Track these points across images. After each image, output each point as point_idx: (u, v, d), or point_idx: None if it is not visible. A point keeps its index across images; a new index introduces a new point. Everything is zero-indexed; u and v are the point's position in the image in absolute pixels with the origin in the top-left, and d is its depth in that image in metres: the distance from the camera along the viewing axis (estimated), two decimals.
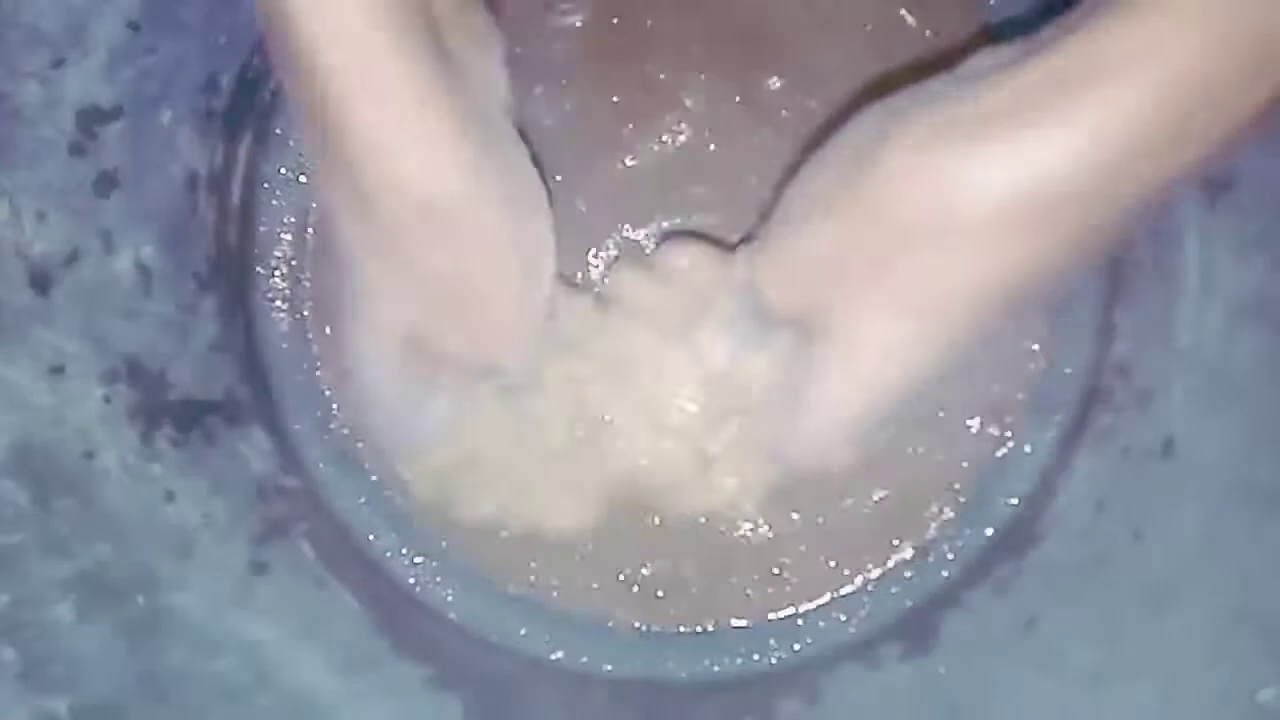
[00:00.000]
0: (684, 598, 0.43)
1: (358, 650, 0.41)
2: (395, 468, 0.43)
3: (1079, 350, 0.44)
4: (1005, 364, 0.44)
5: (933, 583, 0.43)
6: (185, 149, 0.41)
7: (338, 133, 0.32)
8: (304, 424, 0.44)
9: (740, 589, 0.43)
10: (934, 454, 0.43)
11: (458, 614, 0.43)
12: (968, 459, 0.44)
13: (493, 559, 0.43)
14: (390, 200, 0.32)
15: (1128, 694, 0.37)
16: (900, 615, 0.43)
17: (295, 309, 0.44)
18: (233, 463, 0.41)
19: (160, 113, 0.40)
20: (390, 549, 0.44)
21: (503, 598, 0.43)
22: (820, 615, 0.43)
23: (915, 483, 0.43)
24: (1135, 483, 0.41)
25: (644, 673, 0.43)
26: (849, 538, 0.43)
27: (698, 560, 0.43)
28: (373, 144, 0.32)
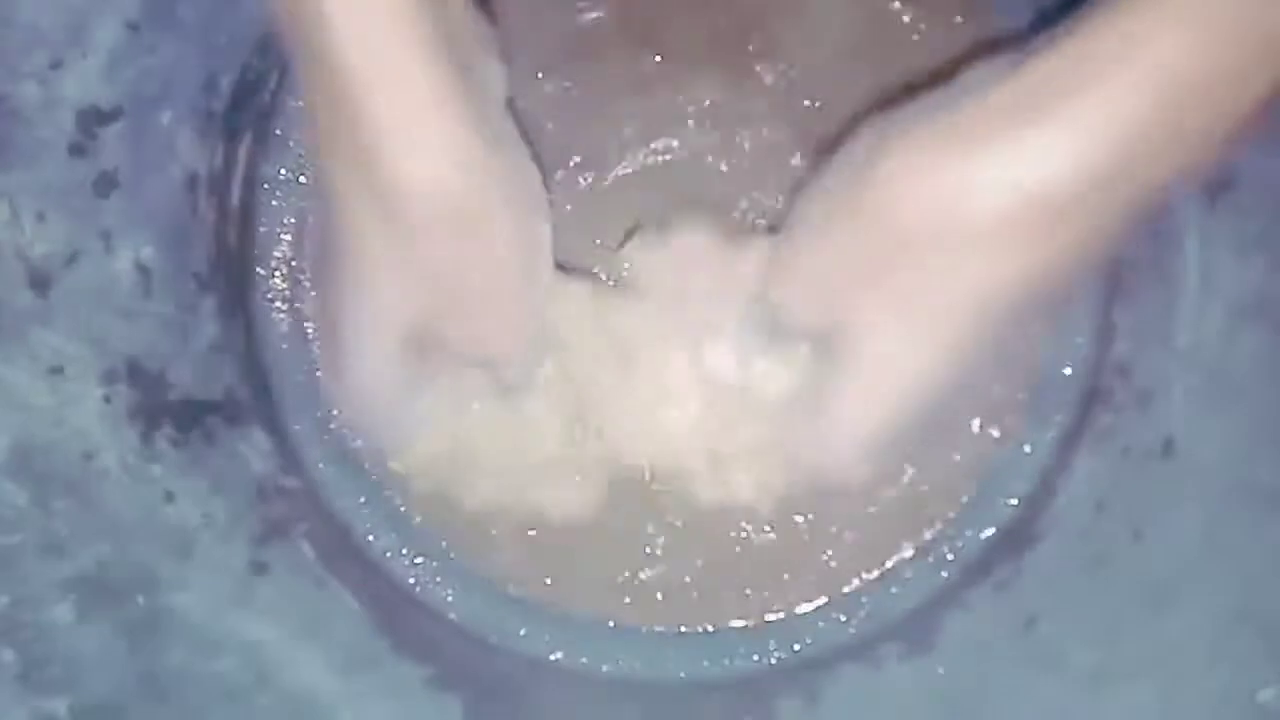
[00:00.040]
0: (684, 598, 0.43)
1: (358, 650, 0.41)
2: (388, 461, 0.43)
3: (1079, 350, 0.44)
4: (1005, 365, 0.44)
5: (933, 583, 0.43)
6: (185, 150, 0.41)
7: (357, 126, 0.32)
8: (304, 424, 0.44)
9: (740, 589, 0.43)
10: (934, 454, 0.43)
11: (458, 614, 0.43)
12: (968, 459, 0.44)
13: (493, 559, 0.43)
14: (406, 197, 0.33)
15: (1128, 694, 0.37)
16: (900, 615, 0.43)
17: (295, 309, 0.44)
18: (233, 463, 0.41)
19: (160, 113, 0.40)
20: (390, 549, 0.44)
21: (503, 598, 0.43)
22: (820, 615, 0.43)
23: (915, 483, 0.43)
24: (1135, 483, 0.41)
25: (644, 673, 0.43)
26: (849, 538, 0.43)
27: (698, 560, 0.43)
28: (393, 142, 0.32)
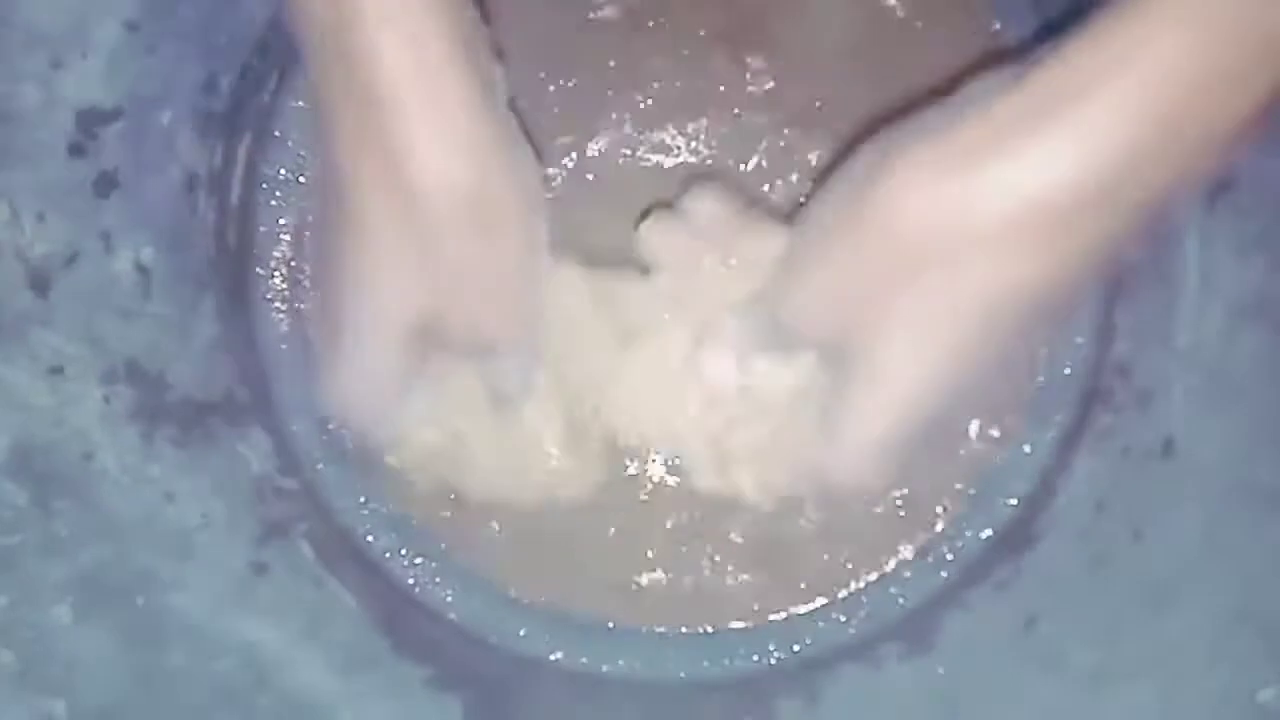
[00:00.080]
0: (684, 598, 0.43)
1: (358, 650, 0.41)
2: (384, 456, 0.43)
3: (1079, 350, 0.44)
4: (1005, 365, 0.44)
5: (933, 583, 0.43)
6: (185, 150, 0.41)
7: (386, 124, 0.33)
8: (304, 424, 0.44)
9: (740, 589, 0.43)
10: (934, 455, 0.43)
11: (458, 614, 0.43)
12: (968, 460, 0.44)
13: (492, 560, 0.43)
14: (431, 193, 0.34)
15: (1128, 694, 0.37)
16: (900, 615, 0.43)
17: (295, 309, 0.44)
18: (233, 463, 0.41)
19: (160, 113, 0.40)
20: (390, 549, 0.44)
21: (503, 598, 0.43)
22: (820, 615, 0.43)
23: (916, 483, 0.43)
24: (1135, 483, 0.41)
25: (644, 673, 0.43)
26: (849, 538, 0.43)
27: (698, 561, 0.43)
28: (424, 140, 0.33)
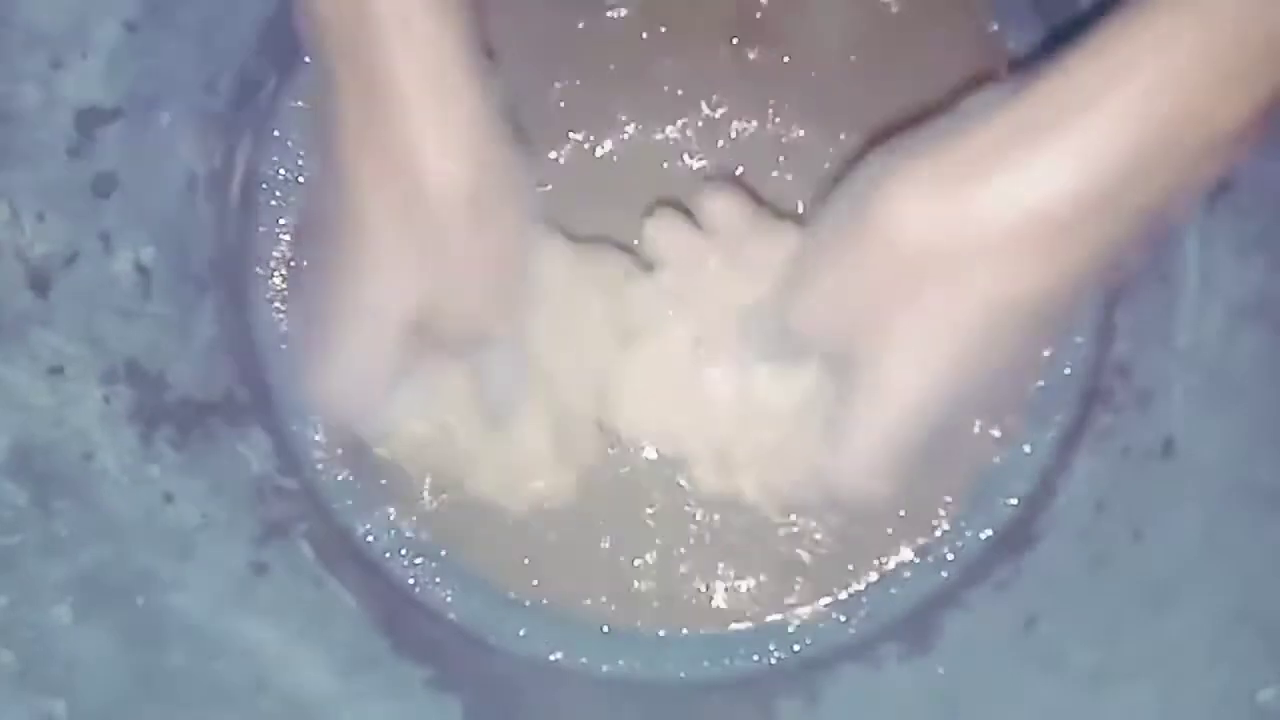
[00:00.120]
0: (684, 599, 0.43)
1: (358, 650, 0.41)
2: (374, 447, 0.43)
3: (1079, 350, 0.44)
4: (1010, 370, 0.44)
5: (933, 583, 0.43)
6: (184, 150, 0.41)
7: (393, 123, 0.34)
8: (303, 424, 0.44)
9: (740, 589, 0.43)
10: (934, 455, 0.43)
11: (458, 614, 0.43)
12: (968, 460, 0.44)
13: (492, 561, 0.43)
14: (433, 190, 0.35)
15: (1128, 694, 0.37)
16: (900, 615, 0.43)
17: (295, 309, 0.44)
18: (232, 463, 0.41)
19: (159, 114, 0.40)
20: (390, 549, 0.44)
21: (502, 599, 0.43)
22: (820, 615, 0.43)
23: (916, 484, 0.43)
24: (1135, 483, 0.41)
25: (644, 673, 0.43)
26: (849, 538, 0.43)
27: (698, 561, 0.43)
28: (430, 140, 0.34)
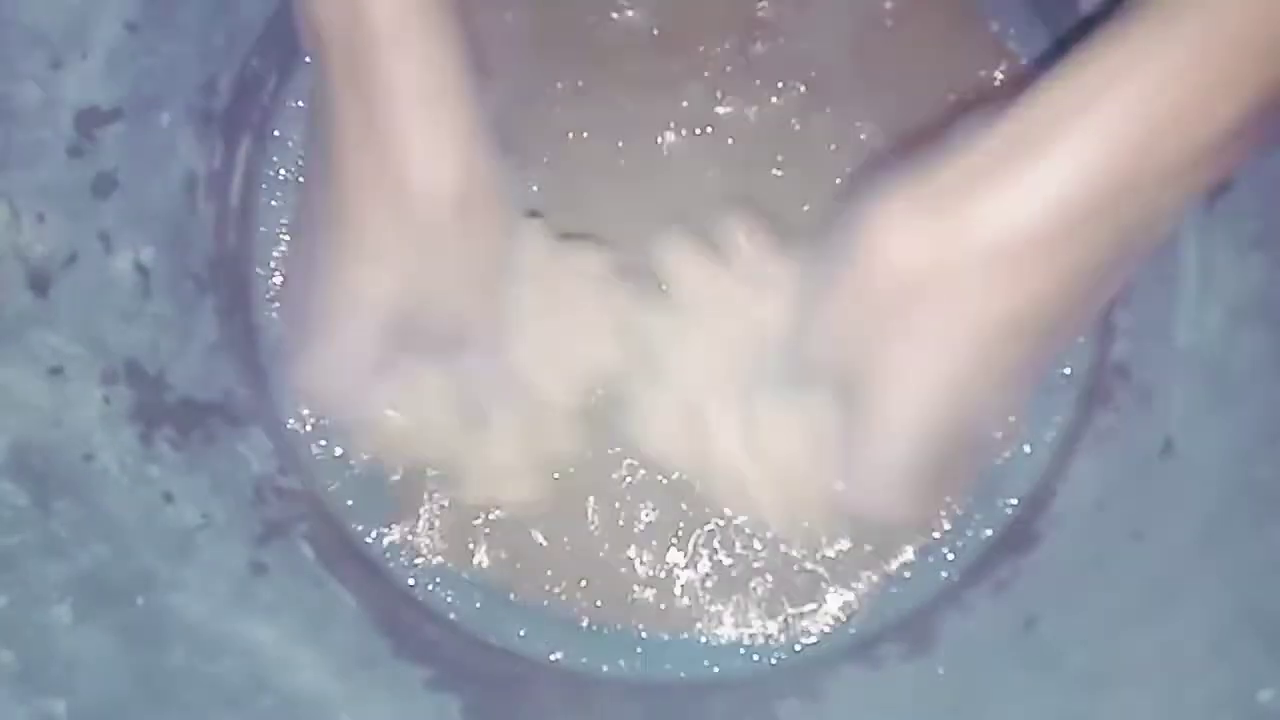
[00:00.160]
0: (684, 599, 0.43)
1: (358, 650, 0.41)
2: (352, 440, 0.43)
3: (1079, 350, 0.44)
4: (1025, 386, 0.44)
5: (933, 583, 0.43)
6: (184, 150, 0.41)
7: (387, 128, 0.35)
8: (303, 424, 0.44)
9: (741, 590, 0.43)
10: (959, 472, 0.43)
11: (458, 614, 0.43)
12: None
13: (491, 563, 0.43)
14: (421, 194, 0.36)
15: (1127, 694, 0.37)
16: (900, 615, 0.43)
17: None
18: (232, 463, 0.41)
19: (159, 114, 0.40)
20: (390, 549, 0.44)
21: (503, 598, 0.43)
22: (820, 615, 0.43)
23: (938, 503, 0.43)
24: (1135, 483, 0.41)
25: (644, 673, 0.43)
26: (850, 538, 0.43)
27: (698, 562, 0.43)
28: (419, 147, 0.36)
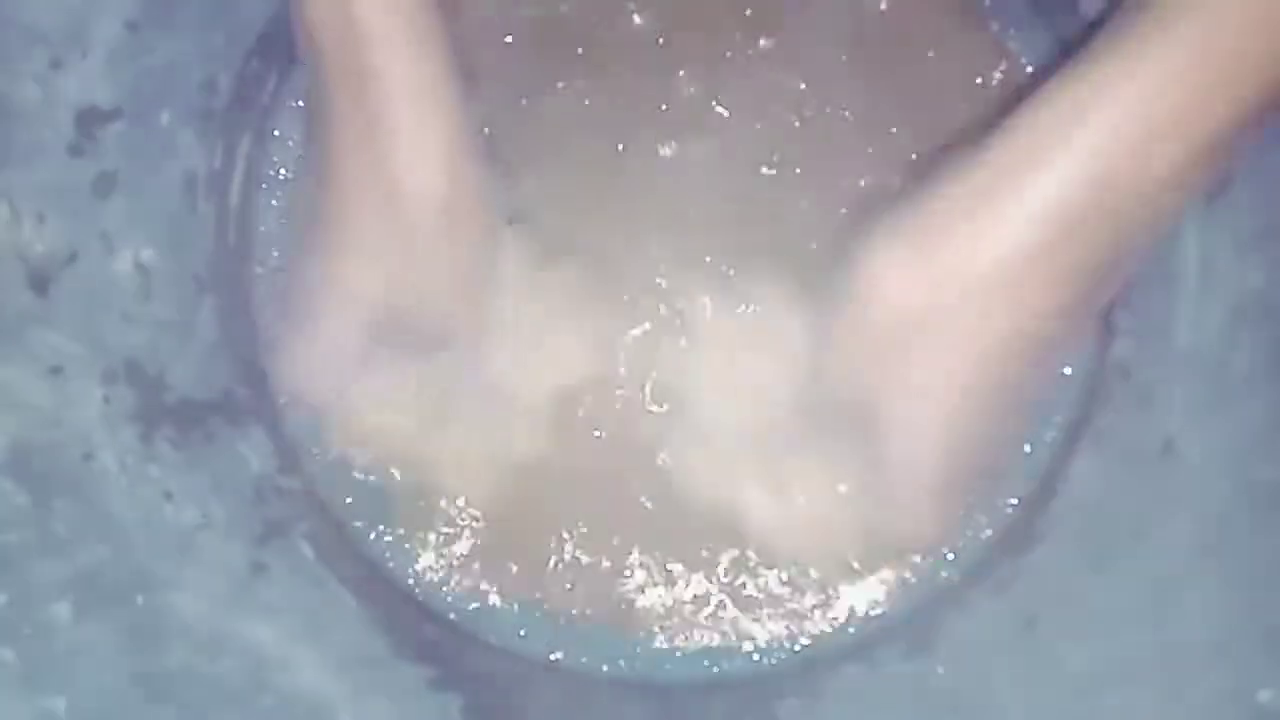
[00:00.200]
0: (684, 599, 0.43)
1: (358, 650, 0.41)
2: (330, 429, 0.43)
3: (1079, 350, 0.44)
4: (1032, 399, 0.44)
5: (933, 583, 0.43)
6: (184, 150, 0.41)
7: (378, 130, 0.37)
8: (303, 424, 0.44)
9: (740, 590, 0.43)
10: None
11: (457, 614, 0.43)
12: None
13: (492, 565, 0.43)
14: (408, 196, 0.37)
15: (1128, 694, 0.37)
16: (900, 615, 0.43)
17: None
18: (232, 463, 0.41)
19: (159, 113, 0.40)
20: (390, 549, 0.44)
21: (502, 599, 0.43)
22: (820, 615, 0.43)
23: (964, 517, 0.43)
24: (1135, 483, 0.41)
25: (644, 673, 0.43)
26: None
27: (698, 562, 0.43)
28: (407, 149, 0.37)
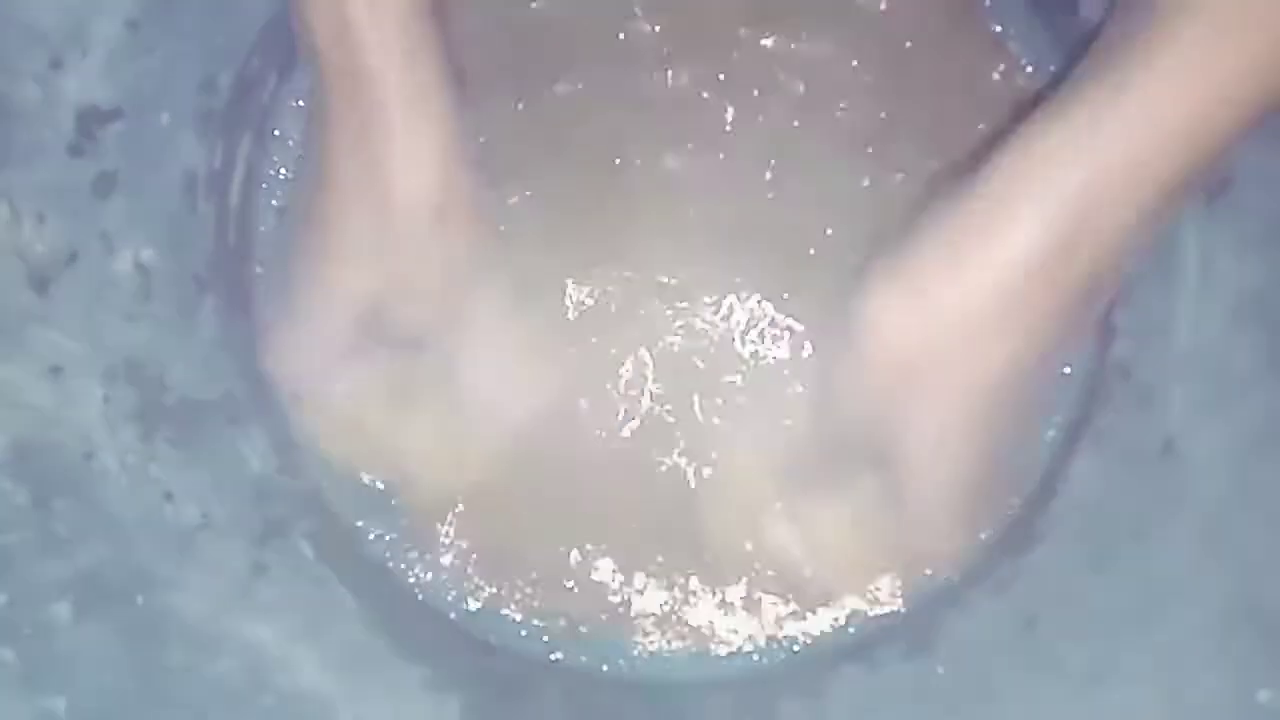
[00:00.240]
0: (684, 599, 0.43)
1: (357, 650, 0.41)
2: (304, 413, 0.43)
3: (1079, 350, 0.44)
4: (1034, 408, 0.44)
5: (933, 583, 0.43)
6: (184, 149, 0.41)
7: (370, 132, 0.37)
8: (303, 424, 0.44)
9: (740, 590, 0.43)
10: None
11: (457, 614, 0.43)
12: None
13: (493, 565, 0.43)
14: (397, 199, 0.37)
15: (1128, 694, 0.37)
16: (900, 615, 0.43)
17: None
18: (232, 463, 0.41)
19: (159, 113, 0.40)
20: (390, 549, 0.44)
21: (502, 599, 0.43)
22: (820, 615, 0.43)
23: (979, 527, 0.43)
24: (1135, 483, 0.41)
25: (644, 673, 0.43)
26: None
27: (698, 562, 0.43)
28: (398, 153, 0.37)
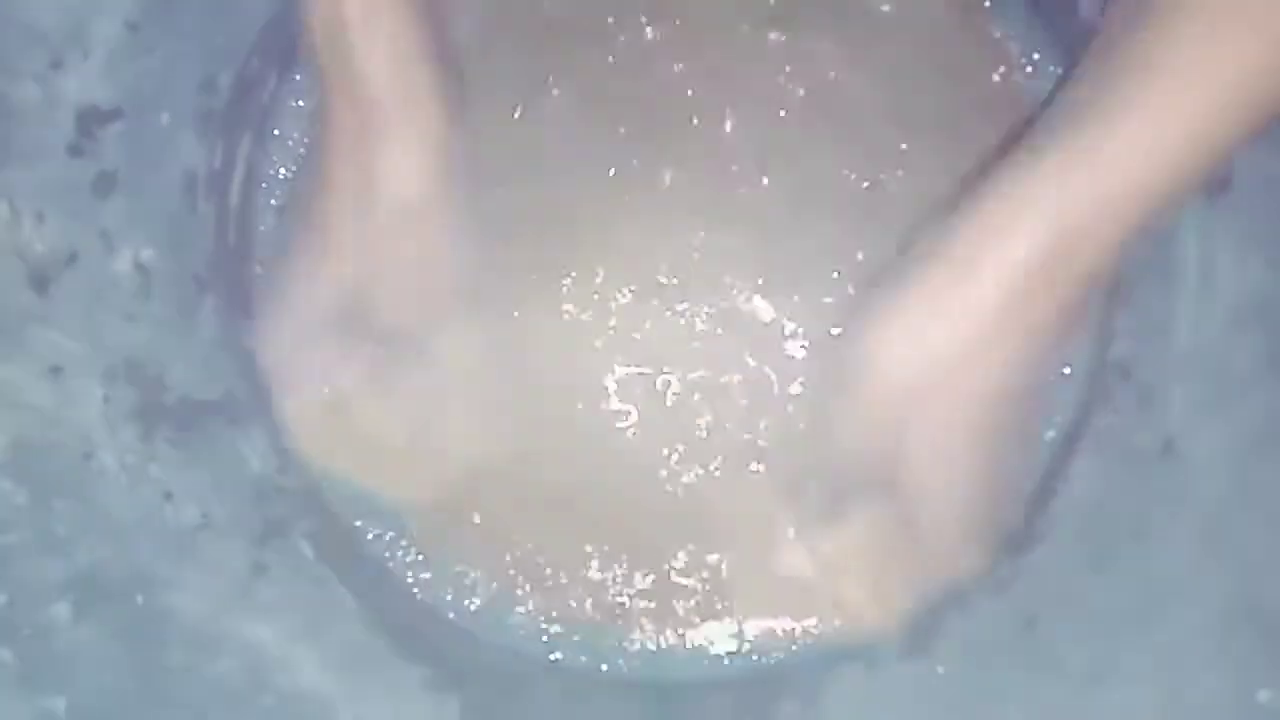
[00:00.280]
0: (684, 599, 0.43)
1: (357, 650, 0.41)
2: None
3: (1079, 350, 0.44)
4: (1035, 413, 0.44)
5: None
6: (184, 149, 0.41)
7: (365, 133, 0.38)
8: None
9: (740, 590, 0.43)
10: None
11: (457, 614, 0.43)
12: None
13: (492, 564, 0.43)
14: (385, 197, 0.38)
15: (1127, 694, 0.37)
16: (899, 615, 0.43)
17: None
18: (232, 463, 0.41)
19: (159, 113, 0.40)
20: (390, 549, 0.44)
21: (503, 598, 0.43)
22: (820, 615, 0.43)
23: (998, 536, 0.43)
24: (1135, 483, 0.41)
25: (644, 673, 0.43)
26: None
27: (698, 562, 0.43)
28: (388, 155, 0.38)
